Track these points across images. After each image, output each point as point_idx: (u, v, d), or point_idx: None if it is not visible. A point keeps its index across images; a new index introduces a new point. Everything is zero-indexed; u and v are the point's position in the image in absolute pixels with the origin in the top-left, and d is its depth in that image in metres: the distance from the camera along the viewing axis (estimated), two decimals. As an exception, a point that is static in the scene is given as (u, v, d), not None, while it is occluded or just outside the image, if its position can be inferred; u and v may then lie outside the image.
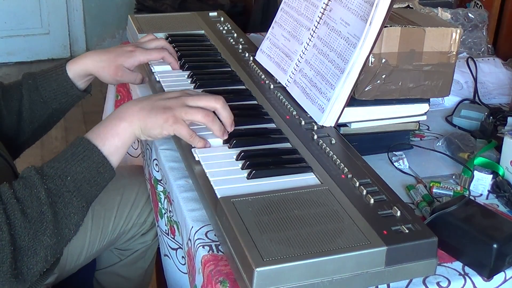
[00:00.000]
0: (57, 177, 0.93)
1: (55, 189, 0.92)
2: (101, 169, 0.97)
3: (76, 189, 0.94)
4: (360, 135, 1.19)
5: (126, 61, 1.28)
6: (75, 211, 0.94)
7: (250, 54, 1.43)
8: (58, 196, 0.92)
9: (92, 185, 0.96)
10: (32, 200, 0.90)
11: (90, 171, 0.96)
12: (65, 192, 0.93)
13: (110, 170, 0.98)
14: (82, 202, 0.95)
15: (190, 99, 1.02)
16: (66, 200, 0.93)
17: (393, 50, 1.13)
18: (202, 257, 0.90)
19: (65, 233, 0.94)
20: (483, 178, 1.09)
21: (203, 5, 3.34)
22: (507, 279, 0.91)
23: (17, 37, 4.01)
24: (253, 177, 0.95)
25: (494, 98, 1.49)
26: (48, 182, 0.92)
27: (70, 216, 0.93)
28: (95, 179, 0.96)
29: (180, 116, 1.00)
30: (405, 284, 0.87)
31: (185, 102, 1.02)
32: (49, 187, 0.92)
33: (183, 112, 1.00)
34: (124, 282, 1.57)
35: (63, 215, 0.93)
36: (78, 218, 0.95)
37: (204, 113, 1.01)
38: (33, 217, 0.90)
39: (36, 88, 1.26)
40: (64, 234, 0.93)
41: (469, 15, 1.74)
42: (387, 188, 0.93)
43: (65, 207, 0.93)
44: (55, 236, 0.91)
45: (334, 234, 0.82)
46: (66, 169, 0.94)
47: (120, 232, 1.47)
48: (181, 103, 1.01)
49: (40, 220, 0.90)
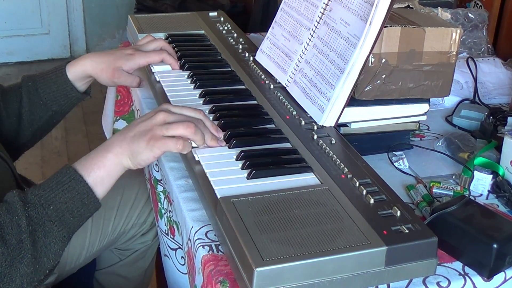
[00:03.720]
0: (40, 205, 0.92)
1: (36, 217, 0.91)
2: (85, 200, 0.95)
3: (58, 218, 0.92)
4: (360, 135, 1.19)
5: (125, 64, 1.28)
6: (55, 240, 0.92)
7: (250, 54, 1.43)
8: (39, 224, 0.91)
9: (75, 215, 0.94)
10: (12, 227, 0.89)
11: (74, 202, 0.94)
12: (46, 221, 0.91)
13: (95, 201, 0.96)
14: (64, 232, 0.93)
15: (168, 116, 0.99)
16: (46, 229, 0.91)
17: (393, 50, 1.13)
18: (202, 257, 0.90)
19: (44, 262, 0.92)
20: (483, 178, 1.09)
21: (203, 5, 3.34)
22: (507, 279, 0.91)
23: (17, 37, 4.01)
24: (253, 177, 0.95)
25: (494, 98, 1.49)
26: (30, 210, 0.91)
27: (50, 245, 0.92)
28: (78, 209, 0.94)
29: (160, 133, 0.97)
30: (405, 284, 0.86)
31: (164, 120, 0.98)
32: (30, 215, 0.90)
33: (164, 129, 0.97)
34: (124, 282, 1.57)
35: (43, 244, 0.91)
36: (58, 247, 0.93)
37: (184, 126, 0.98)
38: (12, 244, 0.89)
39: (36, 90, 1.26)
40: (42, 263, 0.92)
41: (469, 15, 1.74)
42: (387, 188, 0.93)
43: (45, 236, 0.91)
44: (32, 265, 0.90)
45: (334, 234, 0.82)
46: (49, 198, 0.93)
47: (120, 232, 1.47)
48: (160, 121, 0.98)
49: (18, 248, 0.89)
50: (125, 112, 1.61)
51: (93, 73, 1.28)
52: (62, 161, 2.93)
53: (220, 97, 1.23)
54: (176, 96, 1.23)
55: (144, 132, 0.97)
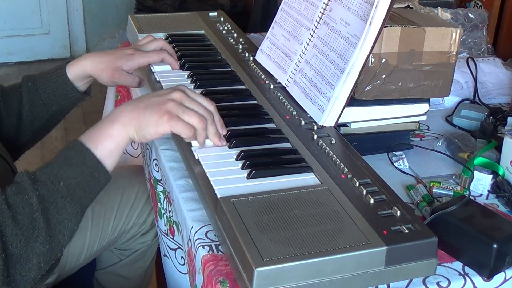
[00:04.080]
0: (50, 183, 0.90)
1: (47, 195, 0.90)
2: (95, 173, 0.93)
3: (69, 194, 0.91)
4: (360, 135, 1.19)
5: (125, 63, 1.28)
6: (69, 217, 0.91)
7: (250, 54, 1.43)
8: (50, 202, 0.90)
9: (86, 190, 0.93)
10: (23, 207, 0.88)
11: (84, 176, 0.92)
12: (58, 198, 0.90)
13: (105, 173, 0.95)
14: (76, 208, 0.92)
15: (186, 99, 0.98)
16: (59, 206, 0.90)
17: (393, 50, 1.13)
18: (202, 257, 0.90)
19: (59, 239, 0.91)
20: (483, 178, 1.09)
21: (203, 5, 3.34)
22: (507, 279, 0.91)
23: (17, 37, 4.01)
24: (253, 177, 0.95)
25: (494, 98, 1.49)
26: (40, 188, 0.90)
27: (64, 222, 0.91)
28: (89, 183, 0.93)
29: (176, 112, 0.96)
30: (405, 284, 0.86)
31: (181, 99, 0.98)
32: (41, 193, 0.89)
33: (180, 110, 0.96)
34: (124, 282, 1.57)
35: (56, 221, 0.90)
36: (72, 224, 0.92)
37: (199, 118, 0.97)
38: (25, 224, 0.88)
39: (36, 90, 1.26)
40: (57, 240, 0.91)
41: (469, 15, 1.74)
42: (387, 188, 0.93)
43: (58, 213, 0.90)
44: (47, 243, 0.89)
45: (334, 234, 0.82)
46: (58, 174, 0.91)
47: (120, 232, 1.47)
48: (177, 99, 0.97)
49: (32, 227, 0.88)
50: (125, 112, 1.61)
51: (93, 73, 1.28)
52: (62, 161, 2.92)
53: (220, 97, 1.22)
54: (176, 96, 1.23)
55: (159, 104, 0.96)
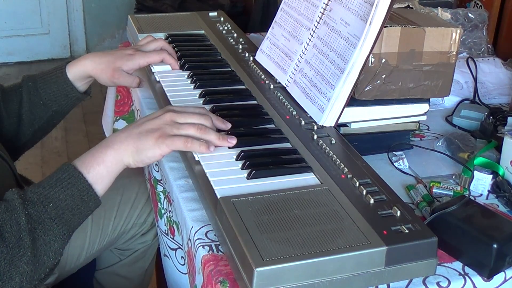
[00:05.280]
0: (39, 203, 0.91)
1: (36, 215, 0.90)
2: (85, 197, 0.94)
3: (57, 216, 0.92)
4: (360, 135, 1.19)
5: (125, 64, 1.28)
6: (55, 238, 0.92)
7: (250, 54, 1.43)
8: (38, 222, 0.90)
9: (74, 213, 0.94)
10: (11, 225, 0.89)
11: (74, 199, 0.93)
12: (46, 219, 0.91)
13: (95, 198, 0.95)
14: (64, 230, 0.92)
15: (177, 116, 0.99)
16: (46, 227, 0.91)
17: (393, 50, 1.13)
18: (202, 257, 0.90)
19: (44, 260, 0.91)
20: (483, 178, 1.09)
21: (203, 5, 3.34)
22: (507, 279, 0.91)
23: (17, 37, 4.01)
24: (253, 177, 0.95)
25: (494, 98, 1.49)
26: (30, 207, 0.90)
27: (50, 243, 0.91)
28: (78, 207, 0.94)
29: (171, 132, 0.97)
30: (405, 284, 0.87)
31: (172, 119, 0.99)
32: (29, 213, 0.90)
33: (174, 128, 0.97)
34: (124, 282, 1.57)
35: (43, 242, 0.90)
36: (58, 245, 0.92)
37: (196, 127, 0.98)
38: (11, 242, 0.88)
39: (36, 90, 1.26)
40: (42, 261, 0.91)
41: (469, 15, 1.74)
42: (387, 188, 0.93)
43: (45, 234, 0.91)
44: (32, 263, 0.89)
45: (334, 234, 0.82)
46: (49, 196, 0.92)
47: (120, 232, 1.47)
48: (169, 121, 0.98)
49: (17, 246, 0.88)
50: (125, 112, 1.61)
51: (93, 73, 1.28)
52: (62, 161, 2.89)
53: (220, 97, 1.23)
54: (176, 96, 1.23)
55: (152, 130, 0.97)
